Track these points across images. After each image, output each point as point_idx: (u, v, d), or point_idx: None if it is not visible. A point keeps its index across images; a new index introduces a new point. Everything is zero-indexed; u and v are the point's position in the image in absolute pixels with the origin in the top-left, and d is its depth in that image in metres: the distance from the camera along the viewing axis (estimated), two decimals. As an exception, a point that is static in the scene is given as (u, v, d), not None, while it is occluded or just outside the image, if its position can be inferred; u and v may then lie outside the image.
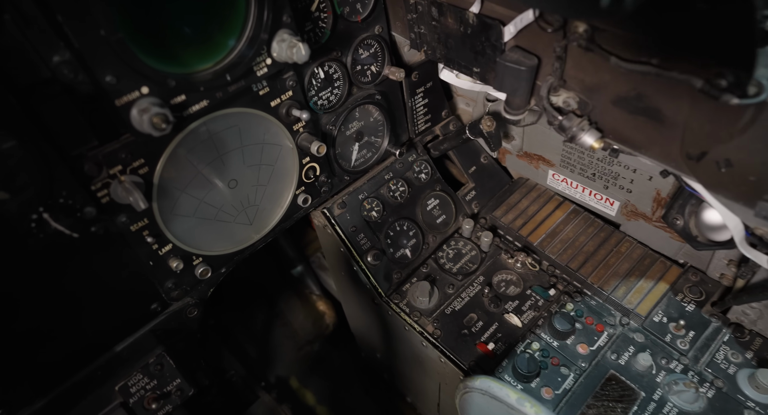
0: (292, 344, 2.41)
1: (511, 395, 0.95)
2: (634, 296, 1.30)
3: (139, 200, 0.82)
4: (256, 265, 2.49)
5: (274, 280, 2.48)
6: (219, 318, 2.44)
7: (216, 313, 2.44)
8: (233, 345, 2.37)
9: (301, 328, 2.43)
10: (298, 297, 2.45)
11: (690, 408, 1.10)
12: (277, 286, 2.47)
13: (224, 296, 2.43)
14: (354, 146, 1.36)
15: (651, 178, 1.19)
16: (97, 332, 0.97)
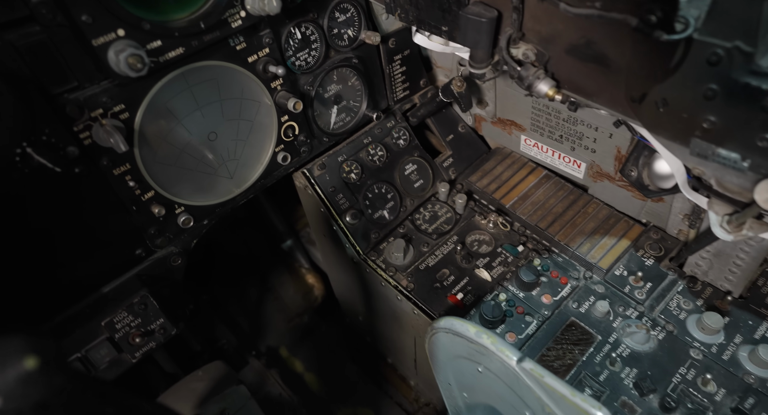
0: (282, 317, 2.48)
1: (470, 329, 1.02)
2: (598, 251, 1.37)
3: (119, 143, 0.88)
4: (248, 241, 2.56)
5: (265, 255, 2.55)
6: (212, 293, 2.52)
7: (209, 287, 2.51)
8: (225, 318, 2.44)
9: (291, 301, 2.50)
10: (289, 271, 2.52)
11: (641, 348, 1.17)
12: (268, 261, 2.54)
13: (217, 271, 2.51)
14: (333, 109, 1.42)
15: (611, 135, 1.25)
16: (84, 272, 1.04)
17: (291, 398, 2.01)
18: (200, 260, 2.43)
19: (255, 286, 2.52)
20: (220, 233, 2.48)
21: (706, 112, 0.80)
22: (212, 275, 2.49)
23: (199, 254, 2.38)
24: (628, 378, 1.13)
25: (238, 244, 2.57)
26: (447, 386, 1.28)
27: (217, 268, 2.53)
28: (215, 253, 2.51)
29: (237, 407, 1.05)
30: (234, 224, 2.51)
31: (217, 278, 2.50)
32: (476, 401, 1.18)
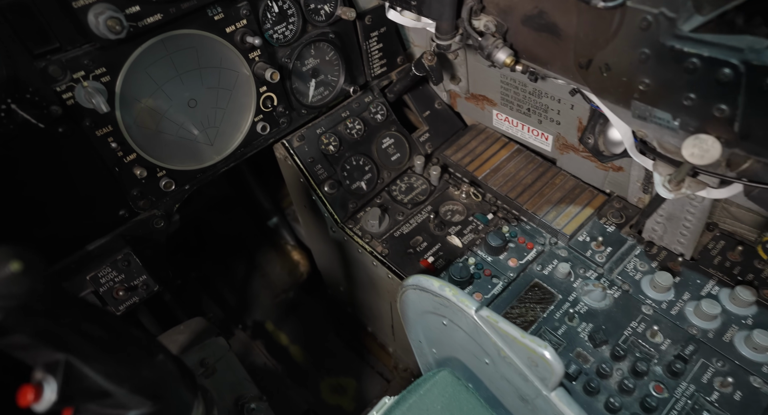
0: (268, 293, 2.55)
1: (435, 283, 1.09)
2: (563, 219, 1.45)
3: (101, 104, 0.93)
4: (236, 220, 2.63)
5: (252, 234, 2.62)
6: (201, 270, 2.58)
7: (198, 265, 2.57)
8: (213, 294, 2.51)
9: (277, 278, 2.58)
10: (275, 249, 2.59)
11: (597, 305, 1.25)
12: (255, 239, 2.61)
13: (206, 249, 2.57)
14: (311, 82, 1.47)
15: (573, 106, 1.32)
16: (70, 229, 1.10)
17: (275, 367, 2.09)
18: (189, 239, 2.50)
19: (242, 263, 2.58)
20: (209, 212, 2.54)
21: (641, 75, 0.87)
22: (201, 253, 2.55)
23: (187, 233, 2.45)
24: (584, 332, 1.21)
25: (226, 223, 2.64)
26: (418, 343, 1.36)
27: (206, 246, 2.59)
28: (204, 231, 2.57)
29: (216, 358, 1.13)
30: (222, 203, 2.57)
31: (206, 255, 2.56)
32: (444, 355, 1.26)
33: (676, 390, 1.08)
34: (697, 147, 0.84)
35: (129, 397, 0.63)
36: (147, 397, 0.65)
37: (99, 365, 0.59)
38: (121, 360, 0.62)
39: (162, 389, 0.69)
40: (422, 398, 1.08)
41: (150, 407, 0.66)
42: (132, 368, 0.63)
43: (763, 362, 1.10)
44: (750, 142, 0.80)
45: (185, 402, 0.76)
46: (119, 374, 0.61)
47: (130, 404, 0.64)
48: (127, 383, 0.62)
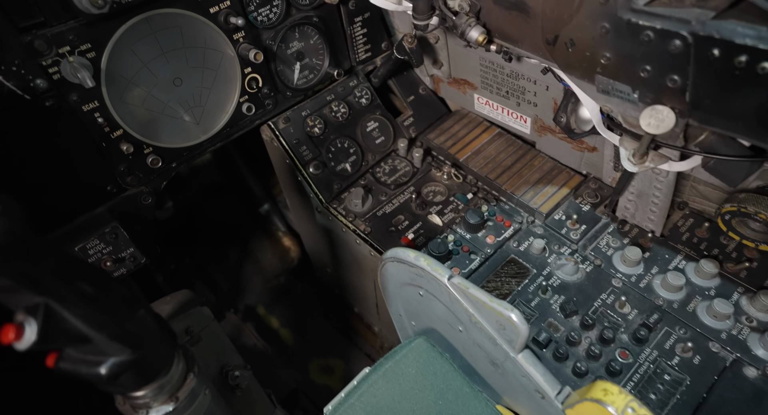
0: (260, 279, 2.60)
1: (411, 254, 1.14)
2: (540, 198, 1.50)
3: (86, 78, 0.97)
4: (228, 207, 2.67)
5: (245, 221, 2.66)
6: (194, 256, 2.62)
7: (191, 251, 2.61)
8: (206, 279, 2.55)
9: (269, 264, 2.62)
10: (266, 235, 2.63)
11: (570, 279, 1.30)
12: (248, 227, 2.65)
13: (199, 236, 2.61)
14: (296, 65, 1.51)
15: (548, 87, 1.37)
16: (58, 203, 1.13)
17: (265, 348, 2.14)
18: (183, 226, 2.54)
19: (235, 249, 2.63)
20: (202, 199, 2.58)
21: (602, 49, 0.91)
22: (194, 240, 2.59)
23: (181, 220, 2.49)
24: (556, 304, 1.26)
25: (218, 210, 2.68)
26: (398, 317, 1.41)
27: (199, 233, 2.63)
28: (197, 218, 2.61)
29: (201, 326, 1.17)
30: (215, 191, 2.61)
31: (199, 242, 2.60)
32: (422, 326, 1.31)
33: (640, 356, 1.14)
34: (653, 118, 0.89)
35: (108, 343, 0.67)
36: (126, 345, 0.69)
37: (78, 310, 0.63)
38: (100, 307, 0.66)
39: (141, 340, 0.73)
40: (398, 363, 1.12)
41: (129, 355, 0.70)
42: (111, 315, 0.68)
43: (722, 329, 1.15)
44: (701, 111, 0.84)
45: (165, 356, 0.80)
46: (98, 320, 0.65)
47: (109, 350, 0.68)
48: (106, 329, 0.66)
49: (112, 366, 0.69)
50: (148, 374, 0.76)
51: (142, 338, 0.74)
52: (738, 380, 1.07)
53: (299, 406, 1.90)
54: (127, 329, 0.70)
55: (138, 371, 0.74)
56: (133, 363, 0.71)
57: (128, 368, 0.71)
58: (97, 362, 0.68)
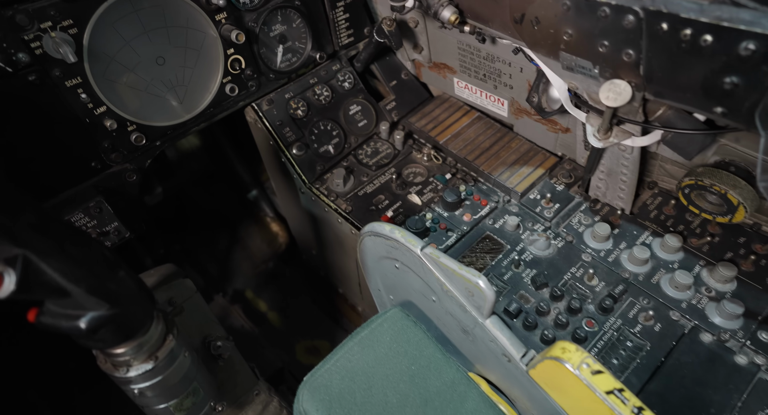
0: (249, 264, 2.64)
1: (386, 227, 1.18)
2: (516, 178, 1.54)
3: (68, 53, 1.00)
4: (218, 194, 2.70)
5: (234, 208, 2.69)
6: (184, 243, 2.65)
7: (181, 238, 2.64)
8: (196, 264, 2.58)
9: (257, 249, 2.66)
10: (255, 221, 2.67)
11: (542, 254, 1.35)
12: (237, 213, 2.68)
13: (189, 223, 2.64)
14: (278, 48, 1.54)
15: (522, 69, 1.41)
16: (42, 177, 1.16)
17: (252, 329, 2.18)
18: (173, 212, 2.56)
19: (224, 236, 2.66)
20: (192, 186, 2.61)
21: (564, 26, 0.95)
22: (184, 227, 2.62)
23: (171, 207, 2.52)
24: (528, 277, 1.31)
25: (208, 197, 2.71)
26: (378, 293, 1.46)
27: (189, 220, 2.66)
28: (187, 205, 2.63)
29: (184, 298, 1.21)
30: (204, 178, 2.64)
31: (189, 229, 2.63)
32: (400, 299, 1.35)
33: (605, 324, 1.19)
34: (611, 91, 0.94)
35: (86, 297, 0.71)
36: (104, 300, 0.73)
37: (56, 263, 0.66)
38: (78, 262, 0.70)
39: (120, 297, 0.77)
40: (373, 331, 1.17)
41: (107, 310, 0.74)
42: (88, 270, 0.71)
43: (682, 299, 1.20)
44: (654, 84, 0.89)
45: (143, 315, 0.84)
46: (75, 273, 0.69)
47: (87, 304, 0.72)
48: (84, 283, 0.70)
49: (91, 320, 0.73)
50: (126, 331, 0.80)
51: (121, 296, 0.77)
52: (694, 345, 1.13)
53: (285, 384, 1.95)
54: (105, 286, 0.74)
55: (116, 327, 0.77)
56: (111, 318, 0.75)
57: (106, 322, 0.74)
58: (76, 316, 0.72)
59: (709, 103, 0.83)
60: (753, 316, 1.14)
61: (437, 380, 1.12)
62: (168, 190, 2.51)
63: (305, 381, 1.08)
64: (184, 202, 2.60)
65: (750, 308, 1.15)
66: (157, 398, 0.95)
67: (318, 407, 1.03)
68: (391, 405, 1.06)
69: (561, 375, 0.90)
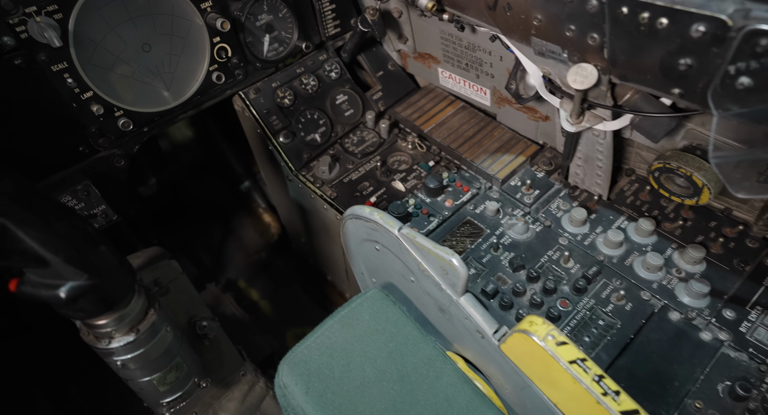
0: (242, 254, 2.67)
1: (366, 209, 1.22)
2: (497, 166, 1.58)
3: (53, 38, 1.03)
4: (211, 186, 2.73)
5: (228, 200, 2.73)
6: (178, 234, 2.69)
7: (175, 229, 2.68)
8: (190, 255, 2.62)
9: (250, 240, 2.70)
10: (248, 213, 2.71)
11: (520, 238, 1.39)
12: (230, 205, 2.72)
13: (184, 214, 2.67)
14: (265, 38, 1.57)
15: (501, 58, 1.44)
16: (31, 160, 1.19)
17: (244, 317, 2.22)
18: (167, 204, 2.60)
19: (218, 227, 2.70)
20: (186, 178, 2.64)
21: (534, 11, 0.98)
22: (178, 219, 2.65)
23: (166, 199, 2.55)
24: (506, 260, 1.35)
25: (202, 188, 2.74)
26: (361, 276, 1.49)
27: (183, 211, 2.69)
28: (181, 197, 2.67)
29: (170, 279, 1.24)
30: (198, 170, 2.67)
31: (183, 220, 2.67)
32: (381, 282, 1.39)
33: (578, 304, 1.23)
34: (578, 74, 0.97)
35: (64, 267, 0.74)
36: (82, 270, 0.76)
37: (33, 232, 0.69)
38: (58, 232, 0.73)
39: (99, 269, 0.80)
40: (353, 310, 1.21)
41: (86, 280, 0.77)
42: (67, 241, 0.74)
43: (653, 279, 1.24)
44: (618, 67, 0.92)
45: (123, 288, 0.87)
46: (53, 243, 0.72)
47: (66, 274, 0.75)
48: (62, 253, 0.73)
49: (70, 290, 0.76)
50: (106, 302, 0.83)
51: (100, 268, 0.81)
52: (663, 323, 1.16)
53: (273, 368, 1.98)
54: (84, 257, 0.77)
55: (96, 298, 0.81)
56: (91, 289, 0.78)
57: (86, 292, 0.78)
58: (56, 285, 0.75)
59: (667, 84, 0.86)
60: (719, 295, 1.18)
61: (414, 356, 1.15)
62: (162, 182, 2.54)
63: (286, 357, 1.12)
64: (179, 194, 2.64)
65: (717, 288, 1.19)
66: (140, 371, 0.98)
67: (297, 381, 1.07)
68: (368, 380, 1.10)
69: (529, 348, 0.94)
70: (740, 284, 1.19)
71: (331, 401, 1.06)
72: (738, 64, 0.72)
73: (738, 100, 0.75)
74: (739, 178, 0.84)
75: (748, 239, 1.28)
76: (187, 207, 2.67)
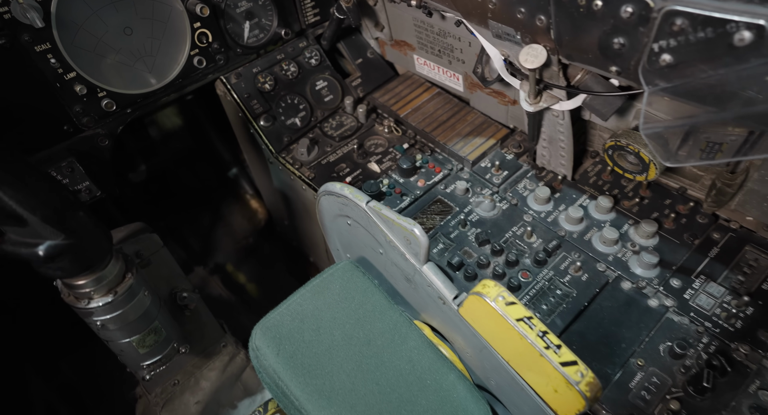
0: (230, 240, 2.74)
1: (337, 185, 1.28)
2: (469, 148, 1.65)
3: (35, 18, 1.08)
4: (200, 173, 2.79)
5: (216, 187, 2.79)
6: (167, 220, 2.74)
7: (165, 216, 2.74)
8: (179, 240, 2.68)
9: (238, 226, 2.76)
10: (236, 199, 2.77)
11: (487, 215, 1.46)
12: (219, 193, 2.78)
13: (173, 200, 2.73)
14: (245, 24, 1.63)
15: (470, 43, 1.51)
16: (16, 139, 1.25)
17: (230, 298, 2.28)
18: (157, 192, 2.65)
19: (207, 213, 2.76)
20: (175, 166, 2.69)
21: (488, -5, 1.05)
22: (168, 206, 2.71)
23: (156, 186, 2.61)
24: (473, 235, 1.42)
25: (191, 176, 2.80)
26: (337, 252, 1.56)
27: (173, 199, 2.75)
28: (171, 185, 2.72)
29: (151, 251, 1.30)
30: (187, 157, 2.72)
31: (172, 207, 2.72)
32: (355, 256, 1.46)
33: (538, 275, 1.30)
34: (529, 54, 1.04)
35: (42, 226, 0.80)
36: (59, 230, 0.82)
37: (11, 191, 0.75)
38: (35, 193, 0.79)
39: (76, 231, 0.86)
40: (324, 280, 1.27)
41: (63, 240, 0.83)
42: (45, 202, 0.80)
43: (609, 252, 1.32)
44: (564, 47, 0.99)
45: (100, 250, 0.93)
46: (31, 203, 0.78)
47: (44, 233, 0.81)
48: (39, 212, 0.79)
49: (48, 248, 0.82)
50: (83, 262, 0.90)
51: (78, 230, 0.87)
52: (615, 292, 1.24)
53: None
54: (62, 218, 0.84)
55: (73, 257, 0.87)
56: (68, 248, 0.84)
57: (63, 251, 0.84)
58: (35, 243, 0.82)
59: (606, 63, 0.93)
60: (668, 266, 1.26)
61: (381, 322, 1.22)
62: (152, 169, 2.60)
63: (259, 322, 1.19)
64: (169, 181, 2.69)
65: (666, 260, 1.27)
66: (119, 332, 1.05)
67: (269, 344, 1.14)
68: (336, 343, 1.17)
69: (482, 309, 1.01)
70: (688, 255, 1.27)
71: (301, 362, 1.13)
72: (660, 42, 0.79)
73: (663, 76, 0.82)
74: (668, 148, 0.91)
75: (698, 215, 1.36)
76: (176, 193, 2.73)
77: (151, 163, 2.58)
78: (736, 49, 0.71)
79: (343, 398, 1.09)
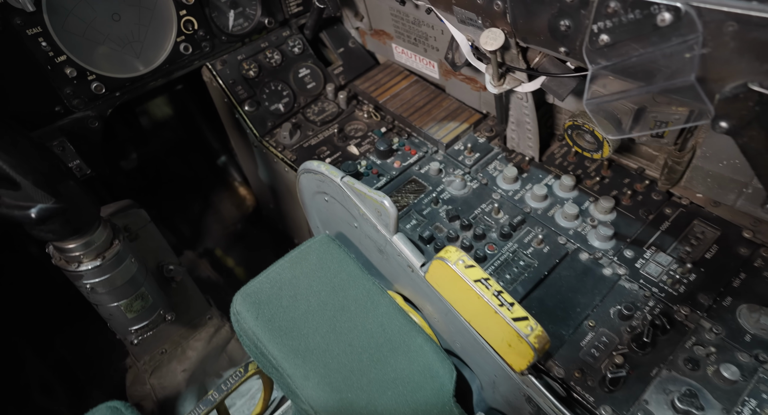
0: (219, 226, 2.81)
1: (314, 163, 1.36)
2: (443, 131, 1.73)
3: (27, 3, 1.15)
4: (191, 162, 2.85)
5: (206, 175, 2.85)
6: (159, 208, 2.81)
7: (156, 203, 2.80)
8: (170, 226, 2.74)
9: (228, 213, 2.83)
10: (225, 187, 2.84)
11: (458, 193, 1.54)
12: (209, 180, 2.85)
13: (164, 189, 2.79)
14: (230, 13, 1.70)
15: (443, 31, 1.59)
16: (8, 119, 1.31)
17: (218, 279, 2.36)
18: (149, 180, 2.72)
19: (197, 201, 2.82)
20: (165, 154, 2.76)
21: (451, -18, 1.13)
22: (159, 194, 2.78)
23: (148, 175, 2.67)
24: (444, 212, 1.50)
25: (182, 165, 2.86)
26: (317, 229, 1.64)
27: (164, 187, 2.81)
28: (162, 174, 2.79)
29: (139, 226, 1.37)
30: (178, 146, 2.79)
31: (164, 195, 2.79)
32: (333, 232, 1.54)
33: (503, 248, 1.39)
34: (489, 37, 1.12)
35: (34, 190, 0.88)
36: (50, 194, 0.90)
37: (4, 155, 0.83)
38: (27, 157, 0.86)
39: (67, 196, 0.94)
40: (302, 252, 1.36)
41: (53, 204, 0.91)
42: (37, 167, 0.88)
43: (570, 227, 1.41)
44: (519, 31, 1.07)
45: (89, 215, 1.01)
46: (23, 167, 0.85)
47: (35, 196, 0.89)
48: (31, 176, 0.87)
49: (40, 210, 0.90)
50: (72, 226, 0.97)
51: (68, 195, 0.94)
52: (574, 263, 1.33)
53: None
54: (53, 183, 0.91)
55: (64, 221, 0.94)
56: (58, 211, 0.92)
57: (54, 214, 0.91)
58: (27, 206, 0.89)
59: (555, 44, 1.01)
60: (623, 239, 1.35)
61: (355, 290, 1.31)
62: (143, 157, 2.66)
63: (240, 290, 1.27)
64: (159, 169, 2.76)
65: (622, 233, 1.36)
66: (108, 296, 1.13)
67: (249, 309, 1.22)
68: (312, 309, 1.25)
69: (445, 272, 1.10)
70: (642, 229, 1.36)
71: (278, 325, 1.21)
72: (598, 23, 0.88)
73: (603, 55, 0.91)
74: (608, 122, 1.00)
75: (653, 192, 1.45)
76: (167, 181, 2.79)
77: (143, 151, 2.65)
78: (659, 29, 0.80)
79: (317, 358, 1.18)
